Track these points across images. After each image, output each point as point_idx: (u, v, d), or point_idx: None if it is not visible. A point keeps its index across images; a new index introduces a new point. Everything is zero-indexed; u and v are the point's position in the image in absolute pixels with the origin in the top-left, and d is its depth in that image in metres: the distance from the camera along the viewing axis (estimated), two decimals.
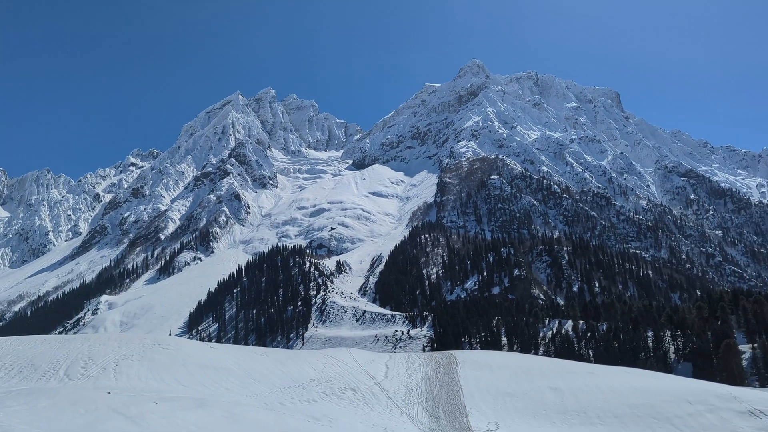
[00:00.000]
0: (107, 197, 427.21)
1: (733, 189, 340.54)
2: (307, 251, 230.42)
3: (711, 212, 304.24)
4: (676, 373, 67.47)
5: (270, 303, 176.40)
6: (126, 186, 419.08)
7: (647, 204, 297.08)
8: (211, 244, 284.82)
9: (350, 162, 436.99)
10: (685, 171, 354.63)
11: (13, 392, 22.17)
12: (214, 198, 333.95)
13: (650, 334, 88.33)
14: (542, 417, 28.72)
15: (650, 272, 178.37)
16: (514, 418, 28.66)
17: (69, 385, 27.05)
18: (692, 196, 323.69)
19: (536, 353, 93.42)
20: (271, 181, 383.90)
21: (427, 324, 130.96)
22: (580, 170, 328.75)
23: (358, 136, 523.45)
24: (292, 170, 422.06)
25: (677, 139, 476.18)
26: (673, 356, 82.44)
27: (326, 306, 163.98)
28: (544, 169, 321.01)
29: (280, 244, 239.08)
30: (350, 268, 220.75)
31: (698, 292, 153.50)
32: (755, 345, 75.02)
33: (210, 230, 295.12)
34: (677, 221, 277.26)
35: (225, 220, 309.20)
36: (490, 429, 26.06)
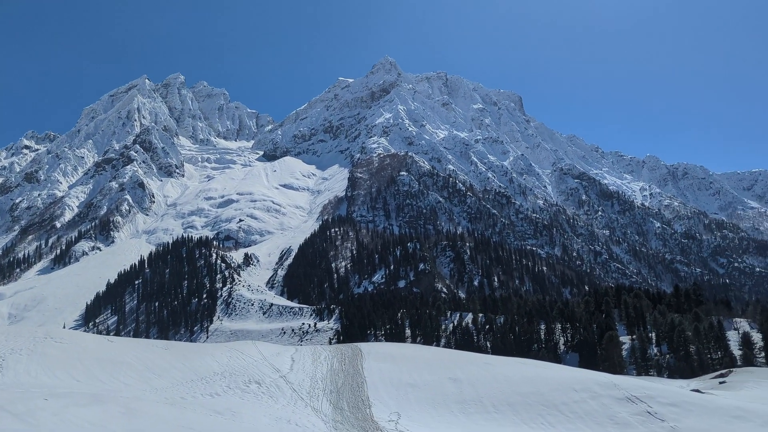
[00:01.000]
0: None
1: (620, 192, 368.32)
2: (214, 243, 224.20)
3: (600, 213, 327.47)
4: (565, 363, 72.42)
5: (174, 295, 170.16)
6: (18, 170, 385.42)
7: (544, 203, 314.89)
8: (111, 233, 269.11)
9: (261, 153, 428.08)
10: (579, 173, 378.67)
11: None
12: (117, 185, 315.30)
13: (543, 326, 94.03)
14: (442, 407, 29.98)
15: (545, 268, 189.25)
16: (416, 408, 29.69)
17: None
18: (584, 197, 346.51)
19: (438, 345, 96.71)
20: (177, 170, 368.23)
21: (334, 317, 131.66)
22: (484, 170, 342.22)
23: (269, 127, 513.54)
24: (200, 159, 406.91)
25: (572, 143, 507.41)
26: (562, 347, 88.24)
27: (233, 299, 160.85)
28: (451, 167, 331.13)
29: (185, 235, 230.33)
30: (258, 260, 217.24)
31: (586, 288, 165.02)
32: (634, 336, 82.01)
33: (111, 219, 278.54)
34: (570, 220, 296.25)
35: (127, 208, 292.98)
36: (392, 419, 26.85)
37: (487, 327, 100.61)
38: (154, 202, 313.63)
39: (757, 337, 72.78)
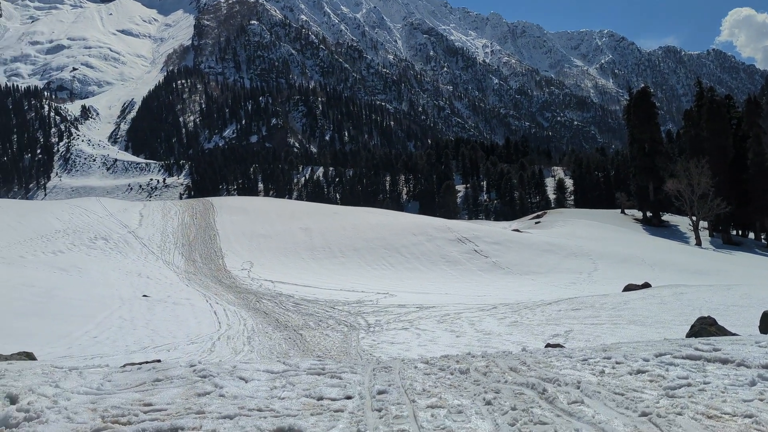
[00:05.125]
0: None
1: (465, 48, 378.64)
2: (45, 93, 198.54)
3: (445, 69, 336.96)
4: (407, 211, 77.93)
5: (2, 151, 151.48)
6: None
7: (394, 59, 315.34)
8: None
9: None
10: (428, 29, 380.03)
11: None
12: None
13: (388, 178, 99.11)
14: (293, 254, 31.30)
15: (392, 123, 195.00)
16: (268, 256, 30.67)
17: None
18: (432, 53, 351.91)
19: (290, 198, 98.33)
20: None
21: (184, 172, 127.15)
22: (337, 21, 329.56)
23: None
24: None
25: None
26: (405, 196, 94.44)
27: (71, 154, 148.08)
28: (303, 17, 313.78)
29: (10, 84, 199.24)
30: (98, 113, 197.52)
31: (429, 141, 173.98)
32: (468, 185, 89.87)
33: None
34: (418, 76, 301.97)
35: None
36: (244, 268, 27.60)
37: (337, 180, 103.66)
38: None
39: (569, 182, 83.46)
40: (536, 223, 51.49)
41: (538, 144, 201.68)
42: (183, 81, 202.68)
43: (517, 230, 42.51)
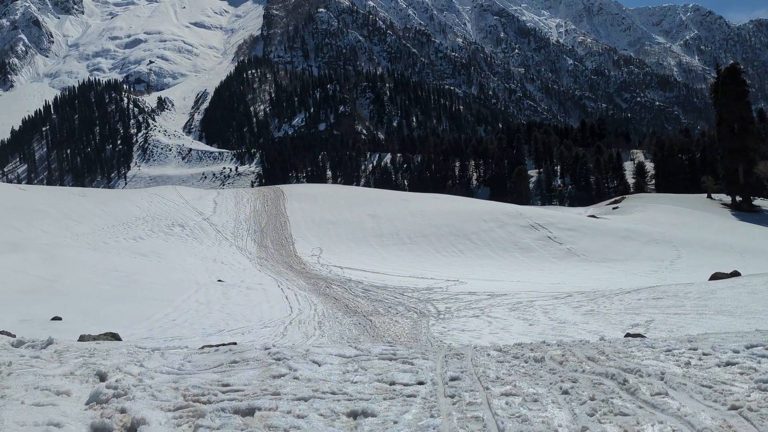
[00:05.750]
0: None
1: (537, 29, 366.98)
2: (125, 87, 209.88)
3: (517, 50, 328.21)
4: (477, 197, 76.87)
5: (86, 142, 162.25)
6: None
7: (463, 42, 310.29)
8: (9, 77, 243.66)
9: None
10: (498, 10, 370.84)
11: None
12: (8, 23, 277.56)
13: (457, 163, 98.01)
14: (361, 241, 31.62)
15: (461, 107, 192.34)
16: (337, 243, 31.14)
17: None
18: (502, 34, 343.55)
19: (358, 185, 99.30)
20: (75, 6, 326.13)
21: (255, 161, 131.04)
22: (404, 6, 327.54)
23: None
24: None
25: None
26: (475, 182, 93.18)
27: (149, 144, 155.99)
28: (371, 3, 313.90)
29: (92, 79, 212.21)
30: (173, 104, 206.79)
31: (500, 125, 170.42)
32: (541, 170, 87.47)
33: (6, 61, 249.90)
34: (488, 59, 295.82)
35: (24, 49, 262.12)
36: (314, 254, 28.14)
37: (405, 166, 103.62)
38: (53, 42, 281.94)
39: (649, 166, 79.57)
40: (614, 208, 49.60)
41: (615, 126, 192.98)
42: (253, 71, 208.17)
43: (593, 216, 41.11)
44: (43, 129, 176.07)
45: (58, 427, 3.48)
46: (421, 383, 4.42)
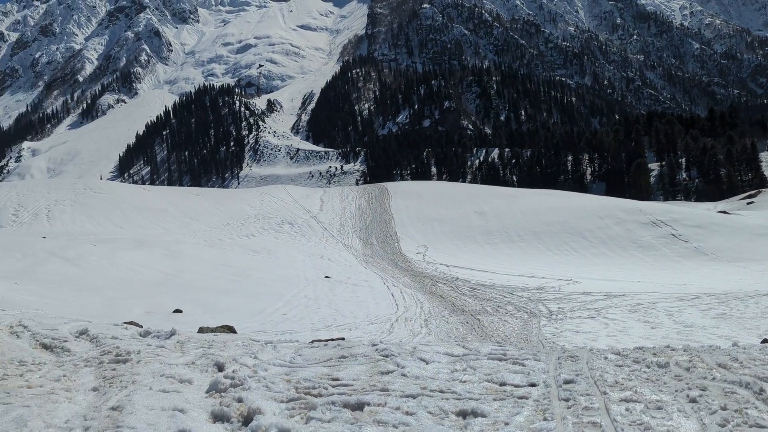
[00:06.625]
0: (13, 36, 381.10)
1: (658, 12, 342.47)
2: (236, 90, 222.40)
3: (635, 36, 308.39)
4: (591, 193, 73.38)
5: (202, 144, 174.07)
6: (33, 23, 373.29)
7: (575, 30, 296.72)
8: (134, 85, 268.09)
9: None
10: None
11: None
12: (132, 35, 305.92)
13: (570, 158, 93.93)
14: (468, 238, 31.21)
15: (574, 99, 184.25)
16: (442, 240, 30.95)
17: (1, 232, 26.81)
18: (619, 20, 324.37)
19: (464, 181, 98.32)
20: (192, 15, 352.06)
21: (359, 159, 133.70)
22: None
23: None
24: (213, 2, 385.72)
25: None
26: (589, 177, 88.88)
27: (259, 145, 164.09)
28: None
29: (207, 84, 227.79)
30: (281, 106, 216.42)
31: (617, 116, 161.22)
32: (663, 163, 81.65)
33: (131, 70, 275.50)
34: (602, 47, 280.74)
35: (146, 59, 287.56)
36: (419, 251, 28.17)
37: (514, 161, 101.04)
38: (171, 50, 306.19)
39: None
40: (748, 203, 45.35)
41: (750, 114, 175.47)
42: (357, 70, 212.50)
43: (723, 212, 37.83)
44: (164, 133, 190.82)
45: (183, 413, 3.69)
46: (533, 385, 4.27)
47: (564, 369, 4.77)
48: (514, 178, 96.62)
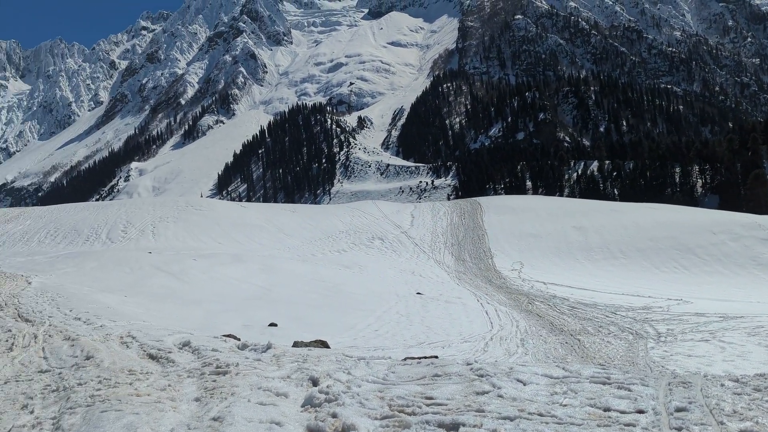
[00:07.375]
0: (123, 64, 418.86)
1: None
2: (328, 108, 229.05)
3: (749, 39, 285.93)
4: (702, 206, 68.32)
5: (295, 161, 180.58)
6: (140, 51, 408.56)
7: (681, 35, 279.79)
8: (231, 106, 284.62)
9: (366, 11, 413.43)
10: None
11: (61, 256, 23.99)
12: (230, 59, 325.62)
13: (677, 169, 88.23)
14: (566, 255, 30.00)
15: (681, 107, 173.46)
16: (539, 257, 29.94)
17: (112, 248, 29.07)
18: (730, 22, 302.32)
19: (561, 195, 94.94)
20: (285, 37, 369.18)
21: (451, 174, 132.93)
22: (611, 2, 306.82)
23: None
24: (306, 24, 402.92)
25: None
26: (700, 190, 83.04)
27: (350, 162, 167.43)
28: (572, 4, 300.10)
29: (300, 103, 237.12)
30: (372, 122, 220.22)
31: (730, 125, 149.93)
32: None
33: (229, 92, 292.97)
34: (712, 51, 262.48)
35: (243, 81, 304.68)
36: (515, 268, 27.40)
37: (615, 174, 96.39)
38: (266, 72, 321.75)
39: None
40: None
41: None
42: (448, 84, 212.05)
43: None
44: (259, 151, 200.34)
45: (280, 426, 3.75)
46: (640, 412, 3.99)
47: (675, 395, 4.43)
48: (616, 192, 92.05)
